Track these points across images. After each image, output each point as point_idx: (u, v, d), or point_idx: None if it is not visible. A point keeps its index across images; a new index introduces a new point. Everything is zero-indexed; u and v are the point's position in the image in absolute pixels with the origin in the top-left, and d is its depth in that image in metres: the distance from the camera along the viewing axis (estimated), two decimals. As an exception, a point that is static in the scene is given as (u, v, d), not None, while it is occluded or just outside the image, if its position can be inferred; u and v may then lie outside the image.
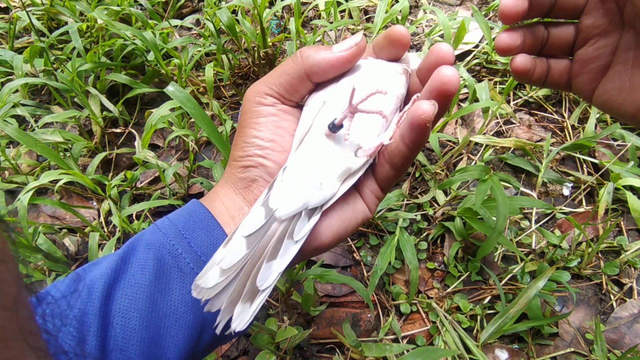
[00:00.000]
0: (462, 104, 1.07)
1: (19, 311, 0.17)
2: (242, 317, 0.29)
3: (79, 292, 0.31)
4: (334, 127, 0.33)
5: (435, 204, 0.91)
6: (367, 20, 1.27)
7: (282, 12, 1.27)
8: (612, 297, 0.80)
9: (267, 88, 0.35)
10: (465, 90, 1.07)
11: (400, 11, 1.09)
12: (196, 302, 0.32)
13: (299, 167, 0.33)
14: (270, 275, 0.30)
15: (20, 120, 1.03)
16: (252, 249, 0.30)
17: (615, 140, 0.97)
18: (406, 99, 0.37)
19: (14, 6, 1.28)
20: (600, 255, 0.84)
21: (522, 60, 0.36)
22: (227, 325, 0.29)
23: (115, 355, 0.30)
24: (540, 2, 0.35)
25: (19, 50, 1.13)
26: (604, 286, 0.81)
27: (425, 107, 0.29)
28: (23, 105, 1.01)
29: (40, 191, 0.94)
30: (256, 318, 0.33)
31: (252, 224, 0.31)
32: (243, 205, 0.35)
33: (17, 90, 1.05)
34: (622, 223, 0.88)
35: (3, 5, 1.31)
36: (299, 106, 0.37)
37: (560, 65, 0.37)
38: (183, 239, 0.34)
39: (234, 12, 1.19)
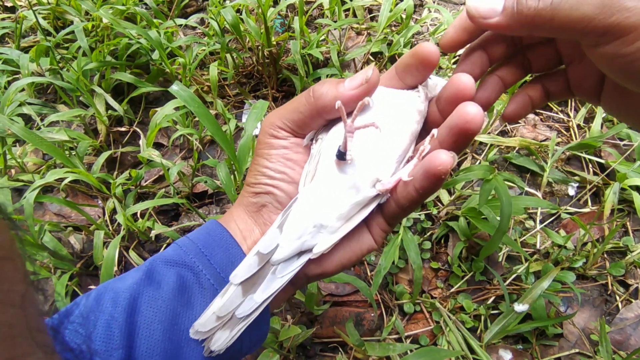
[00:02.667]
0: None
1: (27, 308, 0.17)
2: (220, 341, 0.32)
3: (97, 302, 0.32)
4: (341, 154, 0.32)
5: (439, 204, 0.90)
6: (372, 19, 1.27)
7: (286, 11, 1.27)
8: (617, 298, 0.79)
9: (281, 122, 0.36)
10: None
11: (405, 10, 1.09)
12: None
13: (297, 214, 0.34)
14: (250, 306, 0.33)
15: (27, 118, 1.03)
16: (248, 294, 0.33)
17: (621, 140, 0.96)
18: (424, 128, 0.36)
19: (20, 5, 1.29)
20: (605, 255, 0.84)
21: (512, 108, 0.35)
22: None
23: None
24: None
25: (25, 50, 1.13)
26: (610, 287, 0.80)
27: (444, 158, 0.28)
28: (29, 104, 1.01)
29: (46, 189, 0.95)
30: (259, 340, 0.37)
31: (246, 271, 0.33)
32: (254, 227, 0.38)
33: (23, 89, 1.06)
34: (628, 223, 0.87)
35: (9, 4, 1.32)
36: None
37: (556, 84, 0.35)
38: (203, 256, 0.36)
39: (238, 11, 1.19)
